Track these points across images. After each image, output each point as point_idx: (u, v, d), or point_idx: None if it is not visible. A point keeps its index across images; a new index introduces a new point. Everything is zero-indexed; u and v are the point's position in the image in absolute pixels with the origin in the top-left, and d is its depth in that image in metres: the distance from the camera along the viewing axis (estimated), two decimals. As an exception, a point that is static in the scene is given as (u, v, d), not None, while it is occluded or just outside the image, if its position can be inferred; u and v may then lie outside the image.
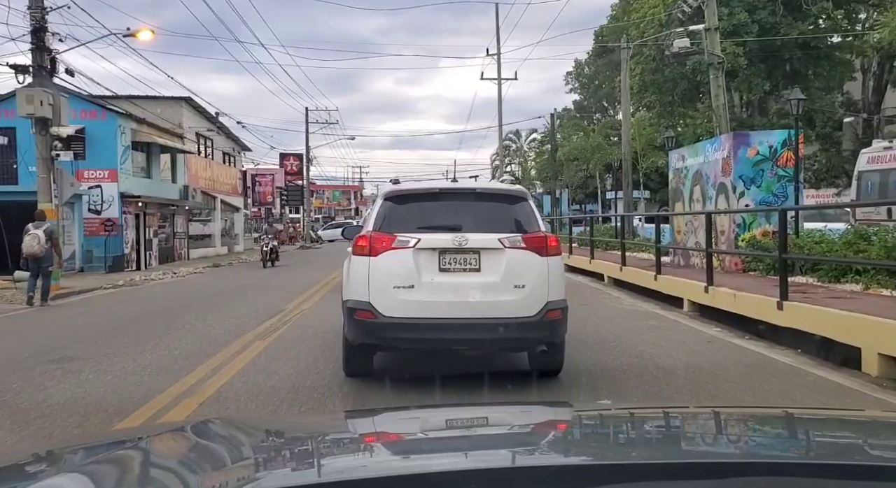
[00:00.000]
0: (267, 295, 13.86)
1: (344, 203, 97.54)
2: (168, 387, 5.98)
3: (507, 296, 5.49)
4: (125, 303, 13.87)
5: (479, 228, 5.60)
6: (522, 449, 1.52)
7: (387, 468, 1.36)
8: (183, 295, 15.02)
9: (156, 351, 7.78)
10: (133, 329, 9.53)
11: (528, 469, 1.29)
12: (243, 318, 10.23)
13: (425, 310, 5.44)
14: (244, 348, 7.80)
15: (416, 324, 5.47)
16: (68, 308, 13.07)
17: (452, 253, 5.49)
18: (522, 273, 5.53)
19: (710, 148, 13.39)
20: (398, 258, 5.47)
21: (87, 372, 6.64)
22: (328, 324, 8.54)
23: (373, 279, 5.49)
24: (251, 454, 1.60)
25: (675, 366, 6.67)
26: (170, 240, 27.30)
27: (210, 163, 32.17)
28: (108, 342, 8.42)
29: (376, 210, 5.94)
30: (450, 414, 2.06)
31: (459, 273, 5.52)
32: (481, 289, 5.49)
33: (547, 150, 49.70)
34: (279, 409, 5.32)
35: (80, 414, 5.19)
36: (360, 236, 5.72)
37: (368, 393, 5.71)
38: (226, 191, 34.37)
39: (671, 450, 1.53)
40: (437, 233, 5.57)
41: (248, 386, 5.98)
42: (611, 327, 9.21)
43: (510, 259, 5.52)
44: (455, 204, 5.99)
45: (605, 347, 7.66)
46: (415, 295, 5.43)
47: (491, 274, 5.51)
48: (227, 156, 35.43)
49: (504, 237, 5.55)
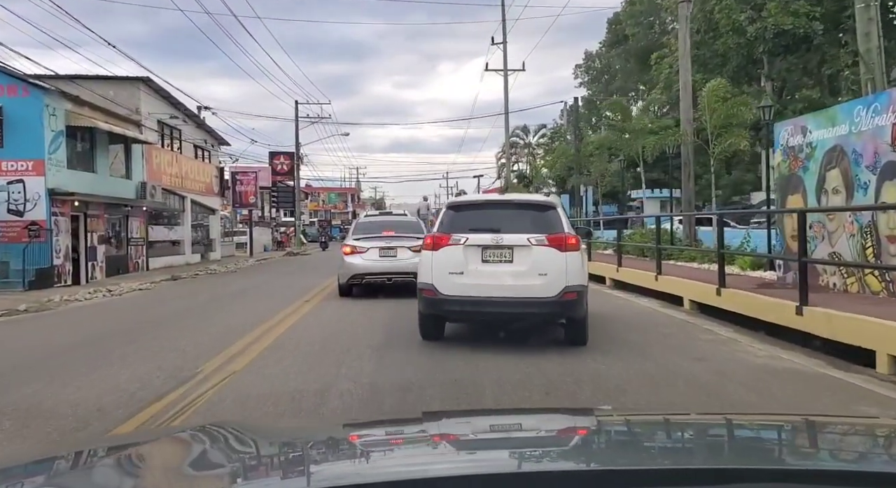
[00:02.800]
0: (193, 335, 9.32)
1: (340, 206, 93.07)
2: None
3: (533, 281, 7.32)
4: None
5: (513, 230, 7.51)
6: (526, 455, 1.54)
7: (384, 474, 1.36)
8: (71, 331, 10.50)
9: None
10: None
11: (529, 474, 1.30)
12: (111, 396, 5.74)
13: (470, 290, 7.43)
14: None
15: (464, 300, 7.49)
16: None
17: (492, 248, 7.49)
18: (545, 264, 7.36)
19: (861, 111, 8.88)
20: (452, 252, 7.52)
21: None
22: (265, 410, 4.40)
23: (434, 267, 7.57)
24: (245, 461, 1.60)
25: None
26: (123, 248, 22.78)
27: (177, 158, 27.64)
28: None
29: (440, 216, 8.27)
30: (454, 421, 2.07)
31: (496, 263, 7.49)
32: (512, 275, 7.39)
33: (558, 147, 45.20)
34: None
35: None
36: (428, 236, 8.17)
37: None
38: (198, 190, 29.86)
39: (679, 457, 1.55)
40: (481, 233, 7.53)
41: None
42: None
43: (536, 253, 7.40)
44: (498, 212, 8.09)
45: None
46: (463, 279, 7.45)
47: (520, 264, 7.42)
48: (201, 150, 30.93)
49: (531, 236, 7.44)
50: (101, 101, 21.75)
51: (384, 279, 13.03)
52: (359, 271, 13.12)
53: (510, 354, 7.20)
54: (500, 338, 7.99)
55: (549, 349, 7.46)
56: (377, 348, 7.83)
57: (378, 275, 13.06)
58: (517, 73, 50.02)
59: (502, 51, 50.06)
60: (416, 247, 11.37)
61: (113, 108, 22.52)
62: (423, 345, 7.90)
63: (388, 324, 9.89)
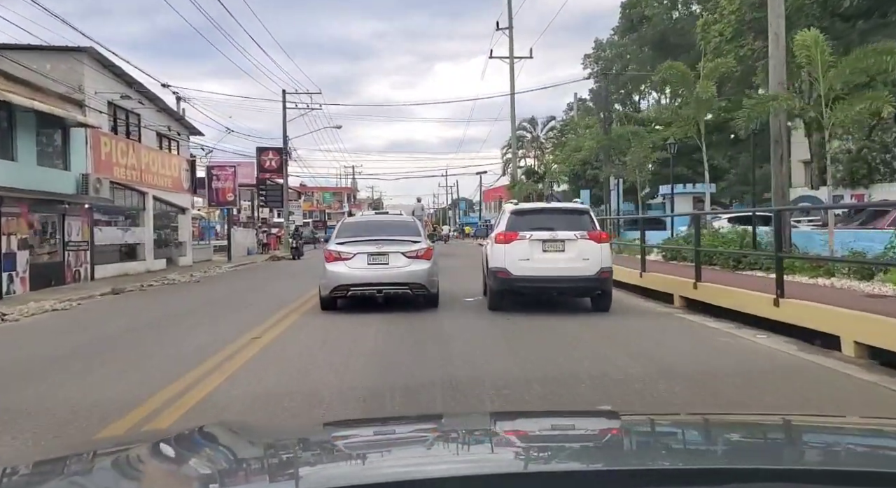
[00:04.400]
0: (69, 396, 5.14)
1: (335, 206, 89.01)
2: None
3: (579, 264, 10.18)
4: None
5: (564, 228, 10.41)
6: (523, 455, 1.53)
7: (374, 475, 1.35)
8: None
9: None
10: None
11: (527, 475, 1.29)
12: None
13: (534, 271, 10.22)
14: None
15: (529, 278, 10.26)
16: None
17: (549, 242, 10.32)
18: (587, 252, 10.23)
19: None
20: (521, 245, 10.33)
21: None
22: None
23: (507, 255, 10.30)
24: (240, 463, 1.56)
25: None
26: (58, 254, 18.64)
27: (134, 146, 23.46)
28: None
29: (506, 219, 10.85)
30: (446, 423, 2.06)
31: (553, 253, 10.31)
32: (564, 261, 10.24)
33: (588, 131, 40.73)
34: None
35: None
36: (499, 233, 10.64)
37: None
38: (163, 186, 25.73)
39: (676, 457, 1.52)
40: (541, 231, 10.37)
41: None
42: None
43: (580, 245, 10.28)
44: (550, 216, 10.94)
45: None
46: (529, 264, 10.23)
47: (570, 253, 10.26)
48: (166, 139, 26.78)
49: (577, 233, 10.33)
50: (31, 76, 17.64)
51: (373, 291, 10.98)
52: (343, 282, 10.97)
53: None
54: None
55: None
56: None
57: (365, 286, 10.96)
58: (523, 60, 46.19)
59: (508, 36, 46.26)
60: (412, 252, 11.05)
61: (48, 84, 18.41)
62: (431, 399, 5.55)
63: (384, 355, 6.88)
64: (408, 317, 10.15)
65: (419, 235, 11.57)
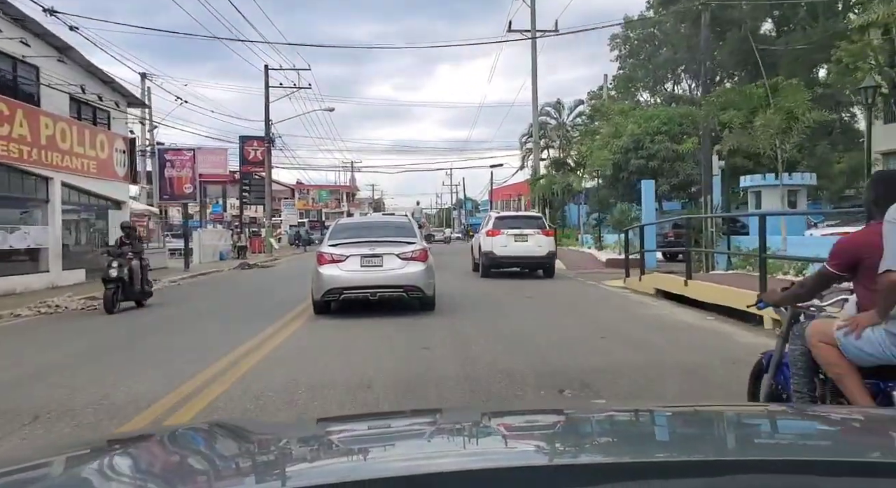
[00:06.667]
0: None
1: (332, 205, 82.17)
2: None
3: (536, 249, 17.62)
4: None
5: (528, 228, 17.95)
6: (508, 450, 1.52)
7: (369, 470, 1.32)
8: None
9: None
10: None
11: (509, 470, 1.25)
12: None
13: (509, 252, 17.66)
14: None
15: (506, 257, 17.75)
16: None
17: (518, 236, 17.60)
18: (541, 242, 17.69)
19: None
20: (502, 237, 17.65)
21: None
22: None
23: (494, 244, 17.67)
24: (243, 460, 1.51)
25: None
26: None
27: (25, 112, 16.51)
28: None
29: (492, 221, 18.74)
30: (441, 418, 2.03)
31: (521, 242, 17.58)
32: (527, 247, 17.59)
33: (601, 125, 34.37)
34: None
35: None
36: (488, 230, 18.12)
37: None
38: (82, 170, 18.80)
39: (663, 449, 1.53)
40: (513, 229, 17.76)
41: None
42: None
43: (537, 237, 17.71)
44: (520, 220, 19.35)
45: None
46: (506, 249, 17.59)
47: (531, 242, 17.62)
48: (93, 108, 19.87)
49: (535, 230, 17.85)
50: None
51: (367, 294, 10.80)
52: (336, 285, 10.72)
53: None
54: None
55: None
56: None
57: (359, 289, 10.76)
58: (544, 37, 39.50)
59: (530, 5, 39.39)
60: (407, 253, 10.86)
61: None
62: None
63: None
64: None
65: (414, 236, 11.53)
